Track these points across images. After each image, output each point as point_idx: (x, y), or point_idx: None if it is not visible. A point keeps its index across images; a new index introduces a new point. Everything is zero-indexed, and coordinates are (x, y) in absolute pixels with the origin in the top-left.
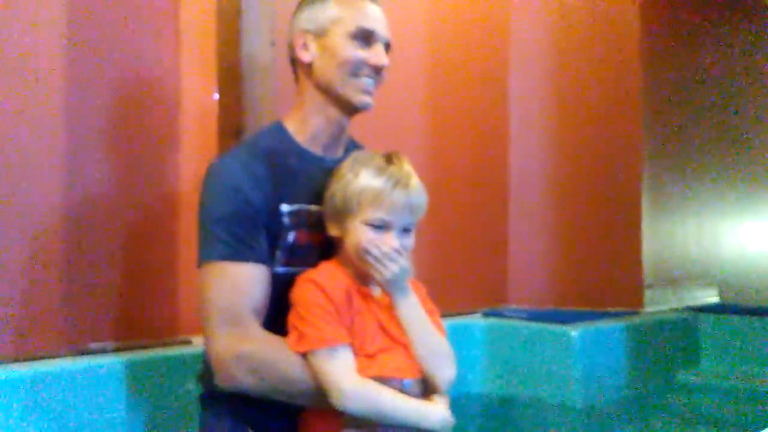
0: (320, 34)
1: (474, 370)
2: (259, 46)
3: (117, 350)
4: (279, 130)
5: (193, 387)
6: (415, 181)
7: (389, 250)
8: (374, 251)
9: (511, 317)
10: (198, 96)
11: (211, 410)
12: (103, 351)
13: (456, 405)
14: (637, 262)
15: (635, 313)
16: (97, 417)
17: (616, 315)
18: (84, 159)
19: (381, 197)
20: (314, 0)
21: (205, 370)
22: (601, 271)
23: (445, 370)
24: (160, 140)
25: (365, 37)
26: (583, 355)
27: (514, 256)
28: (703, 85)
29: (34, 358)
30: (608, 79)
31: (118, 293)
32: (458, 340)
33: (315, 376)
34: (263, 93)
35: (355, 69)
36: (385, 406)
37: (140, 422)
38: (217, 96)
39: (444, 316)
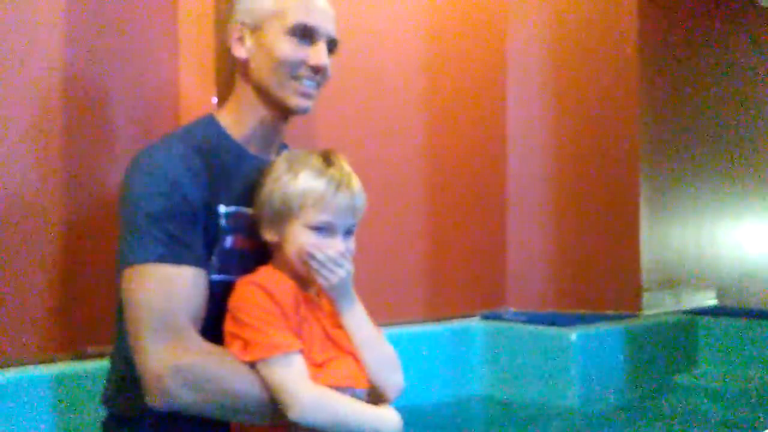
0: (257, 27)
1: (473, 372)
2: None
3: None
4: (213, 124)
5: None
6: (356, 181)
7: (335, 255)
8: (319, 256)
9: (509, 320)
10: (196, 100)
11: None
12: (100, 355)
13: (455, 407)
14: (635, 266)
15: (633, 315)
16: (94, 420)
17: (615, 318)
18: (84, 165)
19: (324, 199)
20: None
21: (114, 388)
22: (600, 274)
23: (394, 378)
24: None
25: (306, 34)
26: (581, 357)
27: (513, 259)
28: (701, 89)
29: (31, 362)
30: (606, 84)
31: (115, 297)
32: (457, 342)
33: (266, 387)
34: None
35: (292, 70)
36: (346, 414)
37: None
38: (215, 100)
39: (443, 318)
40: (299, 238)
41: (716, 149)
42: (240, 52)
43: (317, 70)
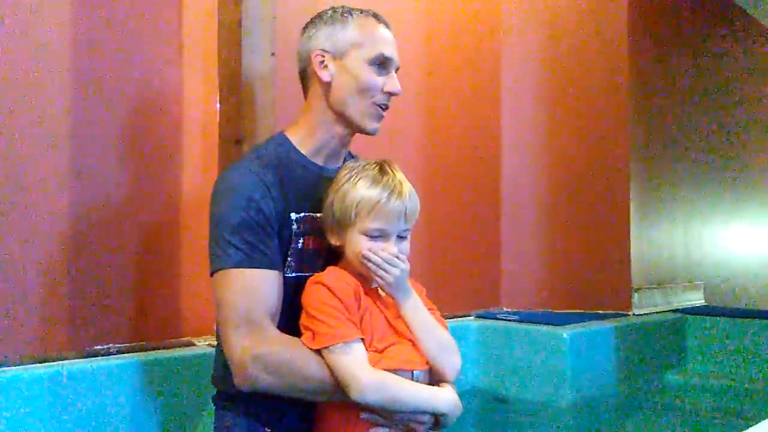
0: (339, 55)
1: (467, 370)
2: (259, 57)
3: (122, 352)
4: (283, 141)
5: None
6: (408, 188)
7: (388, 257)
8: (374, 258)
9: (503, 319)
10: (201, 105)
11: (227, 410)
12: (108, 353)
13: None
14: (626, 266)
15: (624, 315)
16: (103, 417)
17: (606, 317)
18: (91, 167)
19: (377, 208)
20: (333, 20)
21: (219, 371)
22: (591, 274)
23: (452, 360)
24: (164, 148)
25: (383, 64)
26: (573, 355)
27: (507, 260)
28: (691, 94)
29: (41, 360)
30: (597, 89)
31: (123, 297)
32: None
33: (332, 371)
34: (263, 102)
35: (372, 94)
36: (402, 394)
37: (145, 422)
38: (218, 105)
39: None
40: (356, 244)
41: (704, 153)
42: (324, 75)
43: (391, 96)
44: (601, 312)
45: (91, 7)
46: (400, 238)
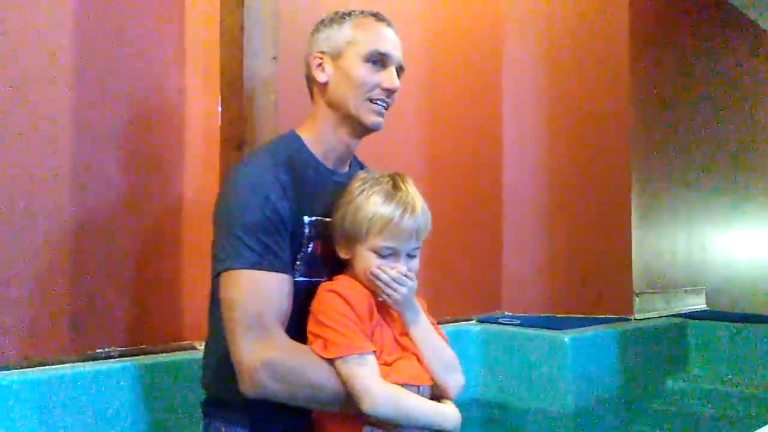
0: (336, 55)
1: (468, 374)
2: (262, 61)
3: (123, 356)
4: (296, 140)
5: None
6: (421, 205)
7: (397, 275)
8: (383, 277)
9: (505, 323)
10: (203, 110)
11: (218, 417)
12: (109, 356)
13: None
14: (627, 271)
15: (626, 319)
16: (103, 421)
17: (607, 322)
18: (93, 170)
19: (389, 226)
20: (332, 22)
21: (212, 375)
22: (593, 279)
23: (455, 379)
24: (165, 152)
25: (379, 60)
26: (575, 360)
27: (508, 264)
28: (691, 99)
29: (42, 364)
30: (598, 95)
31: (124, 300)
32: (454, 345)
33: (343, 381)
34: (265, 106)
35: (368, 91)
36: (411, 409)
37: (145, 426)
38: (220, 109)
39: (440, 322)
40: (366, 260)
41: (706, 157)
42: (320, 77)
43: (389, 92)
44: (602, 316)
45: (93, 10)
46: (411, 254)
